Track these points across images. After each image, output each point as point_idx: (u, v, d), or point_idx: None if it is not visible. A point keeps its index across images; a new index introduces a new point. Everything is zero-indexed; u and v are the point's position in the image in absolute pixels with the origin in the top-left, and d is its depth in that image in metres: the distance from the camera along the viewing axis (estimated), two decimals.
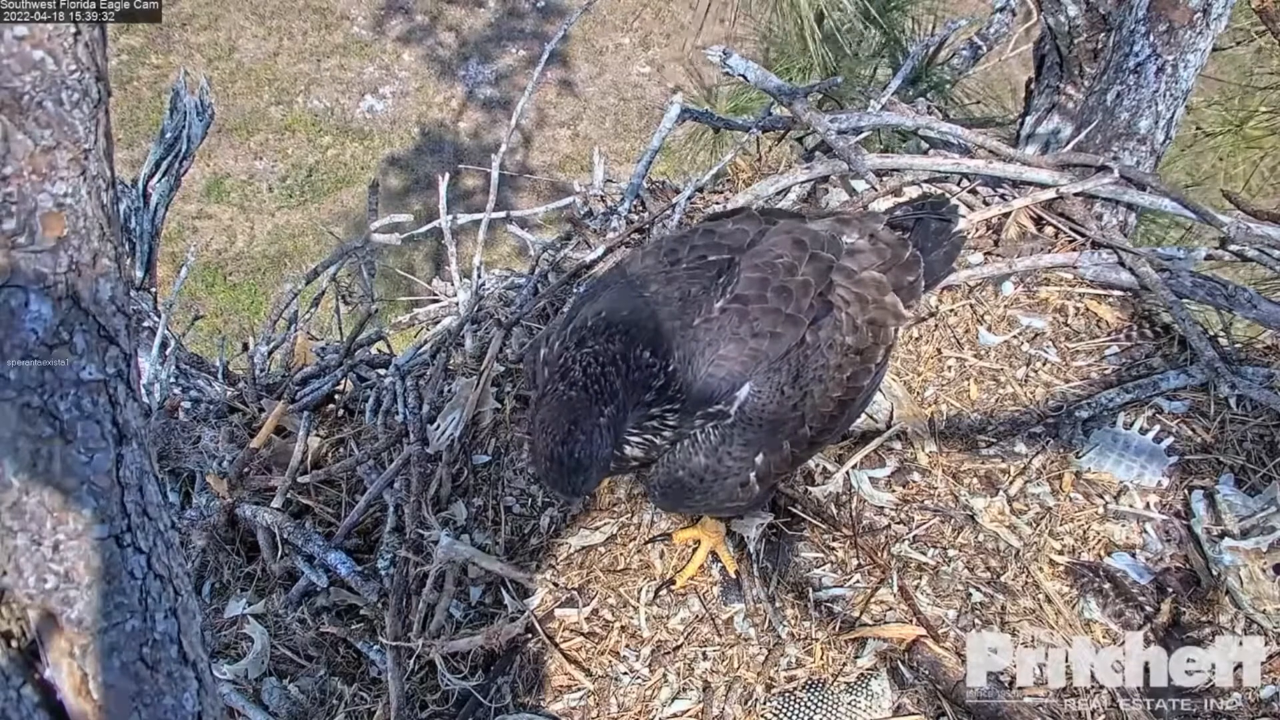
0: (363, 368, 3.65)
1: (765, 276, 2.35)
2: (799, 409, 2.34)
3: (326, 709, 2.71)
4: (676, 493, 2.36)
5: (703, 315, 2.28)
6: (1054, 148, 3.94)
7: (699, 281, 2.35)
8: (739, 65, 3.62)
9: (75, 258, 1.19)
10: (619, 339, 2.18)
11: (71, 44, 1.15)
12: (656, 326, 2.25)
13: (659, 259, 2.45)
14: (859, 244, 2.55)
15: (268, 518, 2.99)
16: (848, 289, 2.44)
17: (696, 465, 2.29)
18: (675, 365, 2.21)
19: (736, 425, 2.27)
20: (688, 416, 2.26)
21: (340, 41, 10.62)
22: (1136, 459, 2.92)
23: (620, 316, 2.26)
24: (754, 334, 2.28)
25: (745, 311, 2.29)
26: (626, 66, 10.66)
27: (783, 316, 2.31)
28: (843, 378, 2.41)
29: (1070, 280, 3.43)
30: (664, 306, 2.30)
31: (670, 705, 2.58)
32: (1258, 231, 3.32)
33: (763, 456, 2.33)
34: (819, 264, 2.41)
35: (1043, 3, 3.84)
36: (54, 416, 1.21)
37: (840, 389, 2.42)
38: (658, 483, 2.36)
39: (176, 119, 4.54)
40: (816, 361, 2.35)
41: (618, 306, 2.30)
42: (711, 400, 2.26)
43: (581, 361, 2.12)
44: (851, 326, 2.41)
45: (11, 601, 1.25)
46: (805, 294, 2.35)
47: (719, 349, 2.25)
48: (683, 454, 2.30)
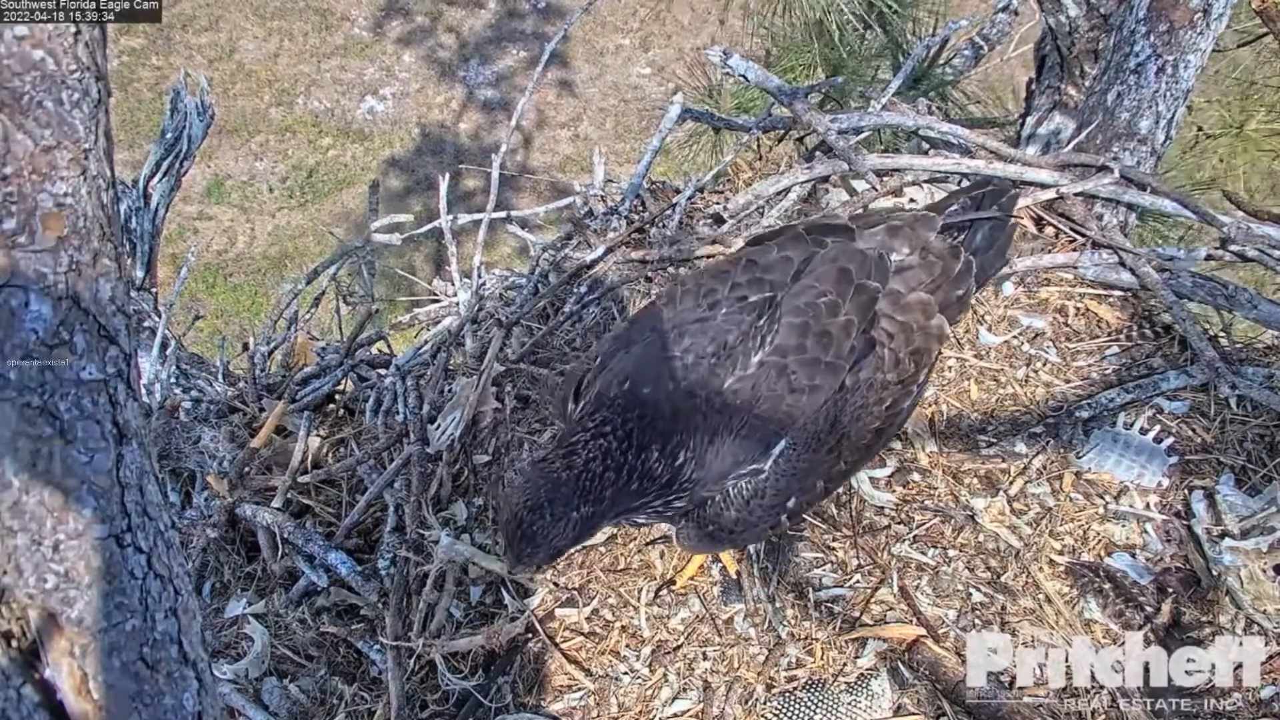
0: (363, 368, 3.65)
1: (806, 321, 2.28)
2: (835, 450, 2.31)
3: (327, 709, 2.71)
4: (705, 544, 2.35)
5: (737, 374, 2.23)
6: (1055, 148, 3.94)
7: (738, 327, 2.28)
8: (739, 65, 3.62)
9: (75, 257, 1.19)
10: (634, 434, 2.13)
11: (72, 44, 1.15)
12: (674, 412, 2.18)
13: (698, 300, 2.38)
14: (908, 260, 2.48)
15: (268, 517, 2.99)
16: (892, 319, 2.37)
17: (727, 520, 2.26)
18: (685, 459, 2.17)
19: (770, 478, 2.24)
20: (696, 496, 2.25)
21: (341, 43, 10.62)
22: (1137, 459, 2.92)
23: (642, 396, 2.19)
24: (791, 389, 2.23)
25: (783, 365, 2.24)
26: (627, 67, 10.66)
27: (822, 366, 2.26)
28: (881, 410, 2.37)
29: (1071, 280, 3.43)
30: (694, 370, 2.23)
31: (670, 705, 2.58)
32: (1258, 232, 3.32)
33: (795, 500, 2.30)
34: (863, 298, 2.35)
35: (1043, 3, 3.84)
36: (54, 416, 1.21)
37: (879, 420, 2.38)
38: (686, 536, 2.33)
39: (177, 120, 4.54)
40: (855, 403, 2.31)
41: (643, 378, 2.23)
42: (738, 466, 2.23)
43: (587, 452, 2.09)
44: (894, 362, 2.36)
45: (12, 601, 1.25)
46: (847, 336, 2.29)
47: (754, 409, 2.21)
48: (713, 510, 2.26)
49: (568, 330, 3.42)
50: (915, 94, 4.89)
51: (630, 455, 2.10)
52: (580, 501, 2.05)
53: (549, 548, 2.06)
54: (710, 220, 3.66)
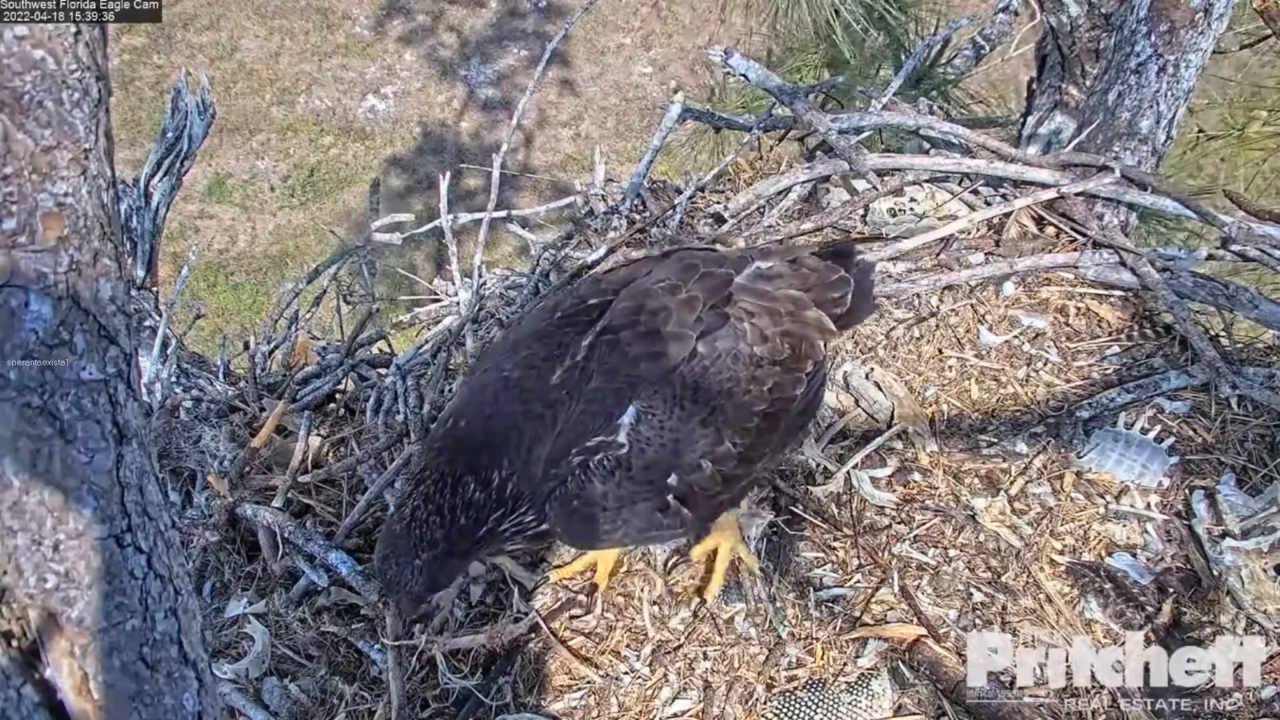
0: (364, 367, 3.65)
1: (640, 303, 2.24)
2: (710, 423, 2.21)
3: (327, 708, 2.71)
4: (581, 526, 2.23)
5: (565, 365, 2.19)
6: (1056, 147, 3.94)
7: (574, 328, 2.25)
8: (740, 65, 3.62)
9: (75, 257, 1.20)
10: (446, 473, 2.15)
11: (72, 43, 1.15)
12: (487, 436, 2.18)
13: (541, 312, 2.40)
14: (777, 268, 2.41)
15: (269, 517, 2.99)
16: (754, 303, 2.30)
17: (593, 493, 2.17)
18: (505, 475, 2.15)
19: (632, 450, 2.17)
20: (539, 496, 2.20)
21: (342, 41, 10.63)
22: (1137, 459, 2.92)
23: (458, 431, 2.23)
24: (628, 359, 2.18)
25: (615, 341, 2.19)
26: (628, 66, 10.66)
27: (662, 335, 2.20)
28: (763, 390, 2.28)
29: (1071, 280, 3.43)
30: (519, 384, 2.22)
31: (671, 705, 2.58)
32: (1259, 231, 3.31)
33: (676, 477, 2.21)
34: (711, 281, 2.29)
35: (1044, 3, 3.84)
36: (54, 416, 1.21)
37: (763, 401, 2.28)
38: (555, 521, 2.22)
39: (178, 118, 4.54)
40: (720, 375, 2.22)
41: (464, 410, 2.28)
42: (579, 443, 2.17)
43: (413, 502, 2.16)
44: (759, 337, 2.27)
45: (12, 601, 1.25)
46: (690, 310, 2.23)
47: (588, 387, 2.17)
48: (574, 486, 2.17)
49: None
50: (916, 94, 4.89)
51: (447, 494, 2.14)
52: (416, 549, 2.15)
53: (408, 594, 2.21)
54: (711, 220, 3.66)
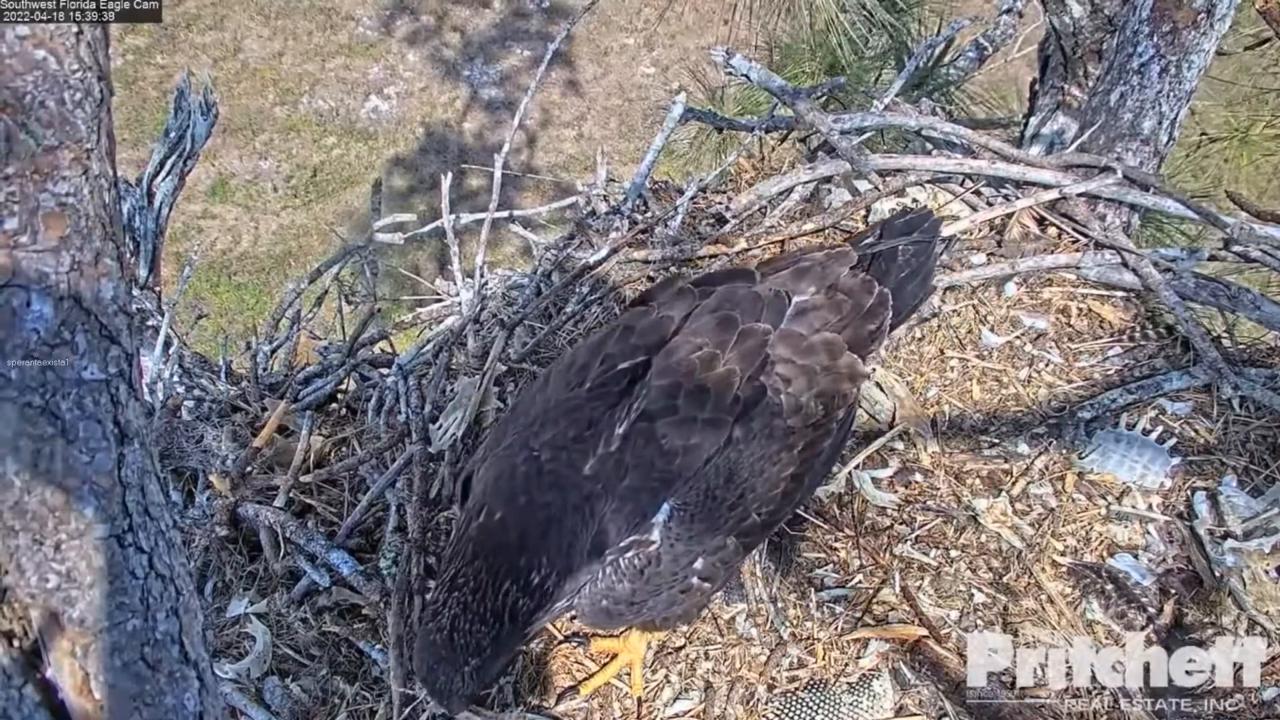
0: (365, 367, 3.65)
1: (676, 381, 2.15)
2: (738, 506, 2.17)
3: (328, 708, 2.71)
4: (605, 620, 2.19)
5: (599, 454, 2.09)
6: (1058, 148, 3.93)
7: (604, 402, 2.15)
8: (742, 65, 3.62)
9: (77, 257, 1.20)
10: (484, 578, 2.00)
11: (74, 43, 1.16)
12: (522, 533, 2.03)
13: (567, 378, 2.25)
14: (812, 300, 2.34)
15: (270, 517, 2.99)
16: (790, 363, 2.23)
17: (622, 592, 2.12)
18: (543, 575, 2.02)
19: (662, 546, 2.10)
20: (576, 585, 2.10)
21: (345, 42, 10.63)
22: (1139, 460, 2.92)
23: (491, 525, 2.05)
24: (663, 453, 2.09)
25: (651, 431, 2.10)
26: (631, 67, 10.66)
27: (699, 424, 2.12)
28: (794, 455, 2.23)
29: (1073, 281, 3.42)
30: (550, 468, 2.09)
31: (672, 705, 2.58)
32: (1262, 232, 3.31)
33: (702, 561, 2.17)
34: (747, 344, 2.21)
35: (1047, 4, 3.84)
36: (56, 416, 1.21)
37: (792, 465, 2.23)
38: (584, 613, 2.18)
39: (181, 118, 4.55)
40: (753, 454, 2.17)
41: (496, 499, 2.09)
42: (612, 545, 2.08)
43: (450, 610, 2.00)
44: (794, 407, 2.20)
45: (13, 601, 1.25)
46: (728, 388, 2.15)
47: (620, 485, 2.07)
48: (605, 584, 2.11)
49: (570, 330, 3.42)
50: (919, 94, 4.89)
51: (488, 601, 2.00)
52: (463, 658, 2.01)
53: (459, 697, 2.06)
54: (713, 220, 3.66)
